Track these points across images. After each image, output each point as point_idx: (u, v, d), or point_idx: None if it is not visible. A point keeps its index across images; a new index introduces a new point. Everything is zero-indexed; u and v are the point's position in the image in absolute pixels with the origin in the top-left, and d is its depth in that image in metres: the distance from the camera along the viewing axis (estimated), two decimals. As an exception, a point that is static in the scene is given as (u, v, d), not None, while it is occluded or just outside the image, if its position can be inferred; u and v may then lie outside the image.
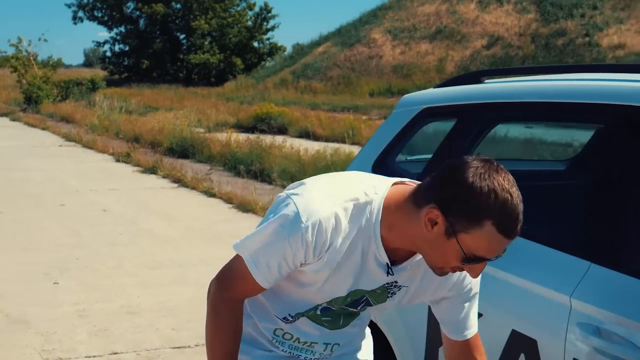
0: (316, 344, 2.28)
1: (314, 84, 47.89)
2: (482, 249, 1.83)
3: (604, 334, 2.38)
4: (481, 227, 1.80)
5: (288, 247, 1.97)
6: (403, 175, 3.65)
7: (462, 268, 1.92)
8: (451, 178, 1.84)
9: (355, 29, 54.55)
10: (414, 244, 1.97)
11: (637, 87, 2.69)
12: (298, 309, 2.20)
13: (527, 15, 46.92)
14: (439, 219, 1.85)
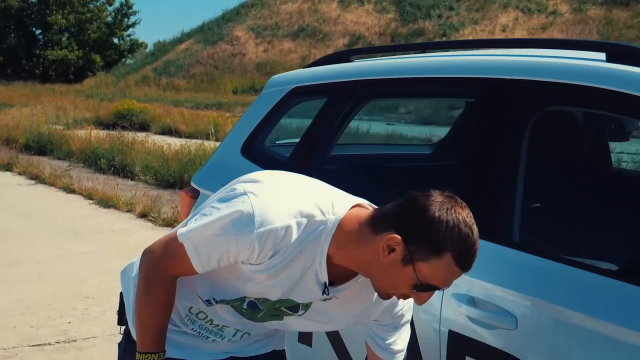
0: (227, 328, 2.26)
1: (177, 81, 47.33)
2: (437, 278, 1.89)
3: (478, 303, 2.38)
4: (440, 258, 1.85)
5: (234, 244, 1.95)
6: (272, 157, 3.61)
7: (410, 295, 1.95)
8: (416, 209, 1.88)
9: (218, 26, 54.26)
10: (362, 267, 1.99)
11: (501, 60, 2.73)
12: (225, 296, 2.16)
13: (387, 15, 47.93)
14: (398, 246, 1.88)
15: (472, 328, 2.39)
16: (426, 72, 2.99)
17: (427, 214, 1.86)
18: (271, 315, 2.19)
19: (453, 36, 45.40)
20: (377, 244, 1.92)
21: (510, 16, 46.45)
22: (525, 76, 2.57)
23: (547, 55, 2.65)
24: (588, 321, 2.14)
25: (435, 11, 47.44)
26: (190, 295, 2.21)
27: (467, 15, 47.25)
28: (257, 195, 1.96)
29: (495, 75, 2.67)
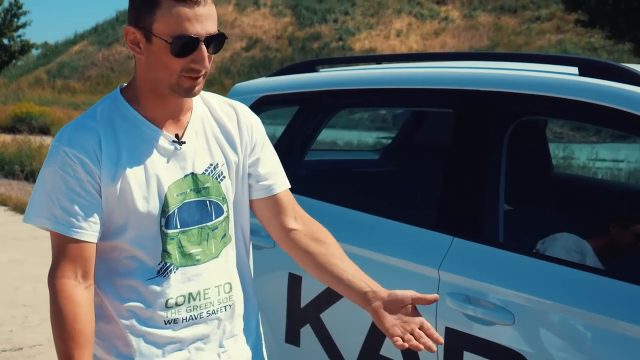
0: (209, 290, 2.10)
1: (72, 83, 46.30)
2: (175, 24, 1.89)
3: (473, 301, 2.57)
4: (160, 6, 1.90)
5: (63, 174, 1.93)
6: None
7: (190, 67, 1.93)
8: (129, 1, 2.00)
9: (113, 28, 53.33)
10: (150, 83, 2.00)
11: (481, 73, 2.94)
12: (151, 238, 2.02)
13: (284, 18, 48.14)
14: (135, 34, 1.96)
15: (470, 324, 2.58)
16: (406, 83, 3.17)
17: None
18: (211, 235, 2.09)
19: (349, 40, 45.96)
20: (136, 59, 2.02)
21: (404, 21, 47.36)
22: (506, 88, 2.78)
23: (522, 69, 2.87)
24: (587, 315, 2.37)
25: (331, 16, 47.92)
26: (146, 295, 2.03)
27: (363, 20, 47.91)
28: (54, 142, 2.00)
29: (474, 87, 2.87)
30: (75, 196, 1.93)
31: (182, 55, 1.92)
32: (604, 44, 38.96)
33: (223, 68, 45.12)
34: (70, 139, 1.95)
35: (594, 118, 2.71)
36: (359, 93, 3.34)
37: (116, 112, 2.02)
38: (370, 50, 45.07)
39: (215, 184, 2.11)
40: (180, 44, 1.90)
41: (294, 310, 3.13)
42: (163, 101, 2.03)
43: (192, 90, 1.98)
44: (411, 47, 44.68)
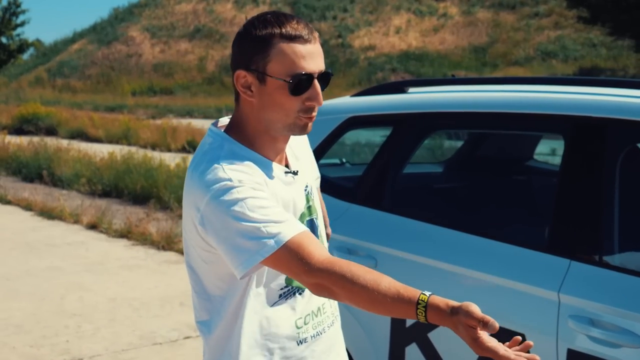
0: (324, 304, 2.18)
1: (73, 82, 46.27)
2: (291, 63, 1.92)
3: (597, 324, 2.63)
4: (274, 47, 1.92)
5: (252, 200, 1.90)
6: (336, 184, 3.78)
7: (305, 104, 1.96)
8: (234, 44, 2.01)
9: (112, 26, 53.32)
10: (264, 124, 2.01)
11: (591, 100, 3.00)
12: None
13: (283, 16, 48.12)
14: (246, 77, 1.97)
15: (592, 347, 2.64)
16: (512, 108, 3.21)
17: (238, 35, 1.99)
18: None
19: (348, 37, 46.02)
20: (243, 102, 2.02)
21: (403, 18, 47.47)
22: (618, 115, 2.84)
23: (629, 95, 2.93)
24: None
25: (330, 13, 48.02)
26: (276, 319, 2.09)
27: (361, 17, 48.01)
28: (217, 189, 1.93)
29: (586, 113, 2.93)
30: (267, 209, 1.90)
31: (299, 94, 1.95)
32: (603, 40, 39.13)
33: (223, 66, 45.13)
34: (236, 175, 1.93)
35: None
36: (457, 116, 3.40)
37: (240, 157, 2.00)
38: (370, 47, 45.12)
39: (312, 201, 2.20)
40: (298, 82, 1.93)
41: (398, 329, 3.19)
42: (275, 140, 2.06)
43: (307, 128, 2.02)
44: (410, 44, 44.78)
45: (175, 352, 5.49)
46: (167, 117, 28.56)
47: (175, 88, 42.99)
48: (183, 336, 5.80)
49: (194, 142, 19.27)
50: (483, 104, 3.33)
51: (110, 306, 6.51)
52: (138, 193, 11.60)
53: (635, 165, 3.20)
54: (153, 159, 13.17)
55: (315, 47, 1.96)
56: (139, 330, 5.92)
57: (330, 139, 3.77)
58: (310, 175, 2.26)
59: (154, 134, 20.76)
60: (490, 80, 3.71)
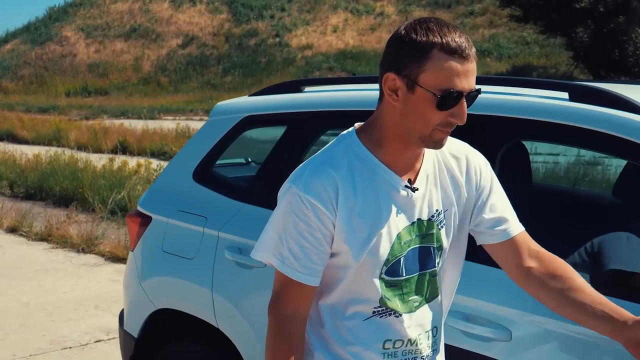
0: (421, 335, 2.14)
1: (5, 83, 45.43)
2: (444, 78, 1.87)
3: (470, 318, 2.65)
4: (431, 58, 1.86)
5: (295, 218, 1.96)
6: (228, 183, 3.76)
7: (448, 119, 1.91)
8: (389, 44, 1.96)
9: (46, 26, 52.47)
10: (397, 131, 1.97)
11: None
12: (370, 283, 2.03)
13: (220, 15, 47.96)
14: (395, 80, 1.92)
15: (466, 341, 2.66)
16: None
17: (396, 38, 1.93)
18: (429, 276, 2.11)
19: (286, 36, 45.99)
20: (385, 103, 1.97)
21: (340, 17, 47.61)
22: (501, 113, 2.87)
23: (516, 94, 2.95)
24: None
25: (268, 12, 47.91)
26: (367, 334, 2.07)
27: (299, 16, 48.02)
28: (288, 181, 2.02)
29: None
30: (304, 241, 1.97)
31: (445, 109, 1.89)
32: (536, 39, 39.76)
33: (159, 66, 44.75)
34: (307, 184, 1.95)
35: (582, 141, 2.82)
36: (348, 114, 3.38)
37: (354, 157, 2.00)
38: (307, 46, 45.16)
39: (437, 230, 2.10)
40: (447, 98, 1.87)
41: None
42: (405, 148, 2.01)
43: (441, 143, 1.97)
44: (348, 43, 44.94)
45: (84, 356, 5.41)
46: (101, 118, 28.20)
47: (110, 88, 42.47)
48: (94, 339, 5.72)
49: (125, 142, 19.04)
50: (374, 102, 3.33)
51: (23, 311, 6.39)
52: (61, 195, 11.42)
53: (515, 160, 3.24)
54: (80, 160, 12.97)
55: (472, 65, 1.89)
56: (50, 334, 5.82)
57: (226, 138, 3.73)
58: (452, 204, 2.12)
59: (84, 135, 20.48)
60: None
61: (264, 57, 44.12)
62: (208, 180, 3.70)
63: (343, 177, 1.96)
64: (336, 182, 1.95)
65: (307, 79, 3.92)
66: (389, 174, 2.00)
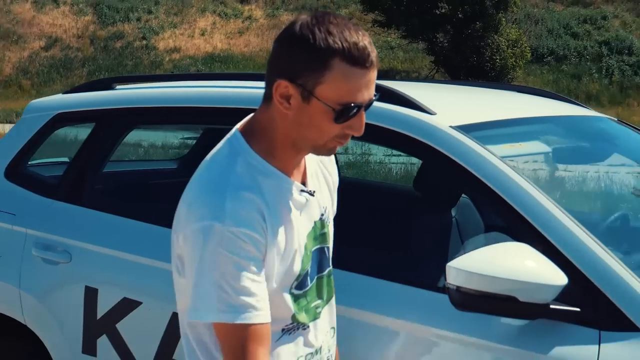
0: (325, 338, 2.06)
1: None
2: (345, 91, 1.73)
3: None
4: (331, 69, 1.71)
5: (234, 257, 1.74)
6: (40, 180, 3.78)
7: (344, 131, 1.79)
8: (281, 43, 1.78)
9: None
10: (287, 140, 1.84)
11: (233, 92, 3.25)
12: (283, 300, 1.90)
13: (85, 17, 46.92)
14: (288, 88, 1.75)
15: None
16: (190, 102, 3.36)
17: (291, 40, 1.75)
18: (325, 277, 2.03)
19: (153, 39, 45.45)
20: (274, 109, 1.81)
21: (208, 20, 47.38)
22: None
23: None
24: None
25: (134, 14, 47.16)
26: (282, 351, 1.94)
27: (166, 18, 47.49)
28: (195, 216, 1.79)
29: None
30: (250, 279, 1.74)
31: (342, 122, 1.76)
32: (400, 43, 40.70)
33: (21, 68, 43.41)
34: (235, 216, 1.74)
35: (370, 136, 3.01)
36: (154, 111, 3.49)
37: (256, 172, 1.83)
38: (175, 49, 44.78)
39: (327, 229, 2.03)
40: (346, 112, 1.74)
41: (90, 322, 3.24)
42: (297, 154, 1.89)
43: (334, 151, 1.87)
44: (216, 46, 44.82)
45: None
46: (-44, 122, 27.16)
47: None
48: None
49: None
50: (176, 99, 3.45)
51: None
52: None
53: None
54: None
55: (374, 73, 1.76)
56: None
57: (38, 136, 3.75)
58: (330, 200, 2.06)
59: None
60: (201, 76, 3.82)
61: (130, 60, 43.46)
62: (19, 178, 3.71)
63: (260, 196, 1.80)
64: (259, 205, 1.79)
65: (120, 77, 4.00)
66: (288, 182, 1.89)
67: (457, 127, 2.64)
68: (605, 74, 37.04)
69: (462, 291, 2.22)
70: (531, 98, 3.63)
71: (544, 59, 38.57)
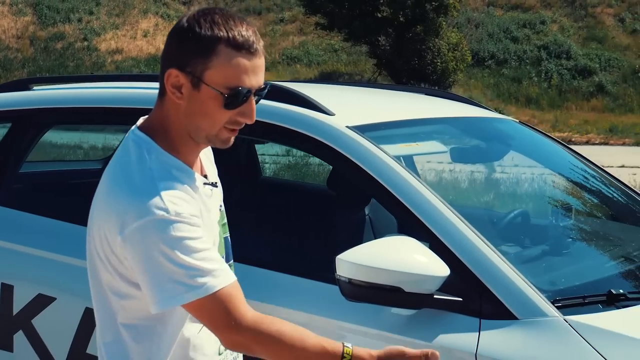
0: None
1: None
2: (231, 75, 1.81)
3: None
4: (217, 54, 1.79)
5: (185, 239, 1.81)
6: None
7: (236, 120, 1.86)
8: (171, 36, 1.87)
9: None
10: (186, 131, 1.90)
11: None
12: None
13: (24, 17, 46.27)
14: (178, 77, 1.83)
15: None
16: (103, 103, 3.44)
17: (178, 31, 1.84)
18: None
19: (94, 40, 45.03)
20: (168, 101, 1.88)
21: (150, 22, 47.10)
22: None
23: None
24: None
25: (75, 15, 46.65)
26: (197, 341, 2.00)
27: (108, 19, 47.07)
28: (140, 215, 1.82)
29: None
30: (204, 254, 1.82)
31: (232, 108, 1.82)
32: (344, 46, 40.94)
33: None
34: (171, 204, 1.80)
35: (271, 136, 3.13)
36: (69, 111, 3.57)
37: (170, 167, 1.89)
38: (117, 51, 44.45)
39: (224, 217, 2.11)
40: (235, 97, 1.81)
41: (6, 318, 3.29)
42: (197, 147, 1.95)
43: (228, 142, 1.90)
44: (158, 47, 44.53)
45: None
46: None
47: None
48: None
49: None
50: (91, 100, 3.52)
51: None
52: None
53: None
54: None
55: (261, 60, 1.84)
56: None
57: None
58: (220, 189, 2.12)
59: None
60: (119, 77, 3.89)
61: (72, 61, 43.01)
62: None
63: (179, 185, 1.86)
64: (187, 192, 1.87)
65: (36, 77, 4.05)
66: (198, 176, 1.96)
67: (353, 127, 2.78)
68: (545, 77, 37.73)
69: (351, 283, 2.35)
70: (436, 100, 3.79)
71: (485, 63, 39.15)
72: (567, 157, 3.64)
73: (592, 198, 3.70)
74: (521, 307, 2.37)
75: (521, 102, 35.51)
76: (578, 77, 37.55)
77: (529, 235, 3.20)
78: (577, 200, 3.71)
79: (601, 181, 3.61)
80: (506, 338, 2.35)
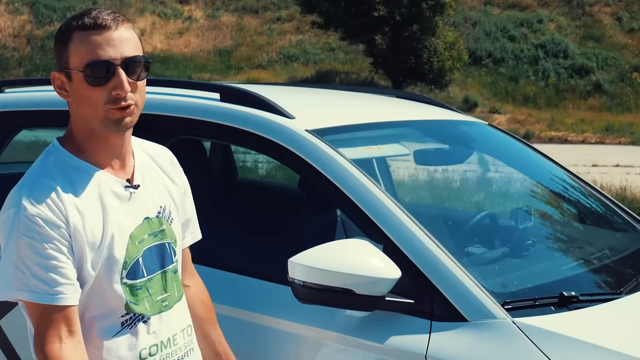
0: (176, 335, 2.13)
1: None
2: (85, 52, 1.89)
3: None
4: (72, 39, 1.90)
5: (29, 240, 1.86)
6: None
7: (112, 96, 1.90)
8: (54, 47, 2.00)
9: None
10: (82, 123, 1.97)
11: None
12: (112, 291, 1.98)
13: (21, 16, 46.27)
14: (60, 78, 1.96)
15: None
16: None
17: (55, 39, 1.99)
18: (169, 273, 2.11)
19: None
20: (68, 104, 2.00)
21: (147, 21, 47.08)
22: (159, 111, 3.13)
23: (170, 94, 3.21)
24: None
25: (72, 14, 46.49)
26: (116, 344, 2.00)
27: (105, 18, 47.08)
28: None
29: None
30: (46, 261, 1.84)
31: (98, 84, 1.89)
32: (341, 45, 40.93)
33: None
34: (30, 202, 1.86)
35: (232, 139, 3.14)
36: (39, 114, 3.58)
37: (67, 167, 1.95)
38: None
39: (168, 226, 2.10)
40: (93, 70, 1.88)
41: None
42: (105, 142, 1.98)
43: (121, 122, 1.92)
44: (155, 47, 44.54)
45: None
46: None
47: None
48: None
49: None
50: (60, 102, 3.52)
51: None
52: None
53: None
54: None
55: (117, 33, 1.89)
56: None
57: None
58: (170, 201, 2.14)
59: None
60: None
61: (69, 60, 43.14)
62: None
63: (63, 185, 1.90)
64: (58, 191, 1.89)
65: (8, 80, 4.06)
66: (107, 175, 1.98)
67: (313, 131, 2.79)
68: (542, 76, 37.70)
69: (304, 285, 2.37)
70: (404, 103, 3.80)
71: (482, 62, 39.13)
72: (533, 158, 3.65)
73: (555, 199, 3.71)
74: (471, 309, 2.39)
75: (518, 101, 35.47)
76: (575, 76, 37.53)
77: (486, 238, 3.22)
78: (538, 201, 3.72)
79: (566, 182, 3.62)
80: (456, 340, 2.36)
